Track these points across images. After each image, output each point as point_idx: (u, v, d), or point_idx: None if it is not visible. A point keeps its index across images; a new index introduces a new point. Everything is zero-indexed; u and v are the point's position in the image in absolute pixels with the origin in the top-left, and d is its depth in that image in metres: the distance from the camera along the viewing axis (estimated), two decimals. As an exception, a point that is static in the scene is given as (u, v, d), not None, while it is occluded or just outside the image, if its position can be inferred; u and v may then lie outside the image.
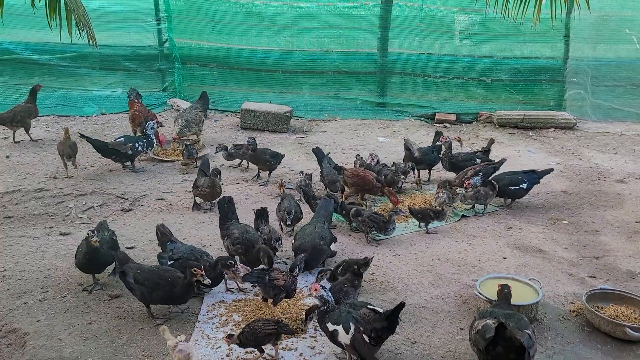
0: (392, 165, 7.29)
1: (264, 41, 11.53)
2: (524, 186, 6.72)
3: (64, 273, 5.06)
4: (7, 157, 8.13)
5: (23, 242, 5.65)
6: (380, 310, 3.83)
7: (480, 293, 4.51)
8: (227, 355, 3.98)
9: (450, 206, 6.51)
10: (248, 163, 8.01)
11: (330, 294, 4.02)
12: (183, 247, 4.89)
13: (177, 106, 10.64)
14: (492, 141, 7.96)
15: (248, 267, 4.86)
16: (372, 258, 4.90)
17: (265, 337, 3.87)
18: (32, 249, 5.49)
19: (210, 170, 6.69)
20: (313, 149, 7.56)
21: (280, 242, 5.22)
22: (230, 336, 3.93)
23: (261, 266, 4.75)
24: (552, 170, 7.12)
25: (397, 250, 5.71)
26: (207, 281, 4.31)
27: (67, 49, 10.91)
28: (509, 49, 11.36)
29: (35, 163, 7.92)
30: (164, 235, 4.98)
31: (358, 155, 7.67)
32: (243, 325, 4.30)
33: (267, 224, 5.42)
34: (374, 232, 5.83)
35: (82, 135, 7.56)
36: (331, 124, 10.55)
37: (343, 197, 6.71)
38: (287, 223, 5.85)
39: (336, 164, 7.14)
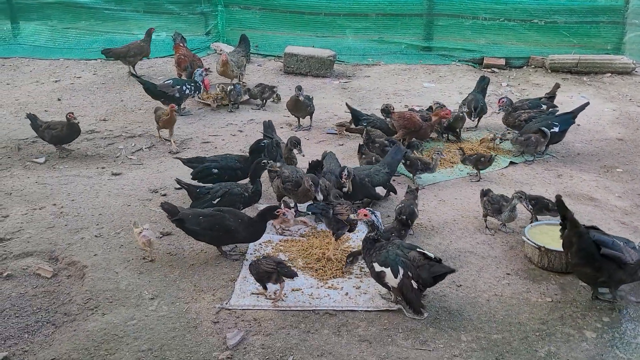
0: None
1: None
2: (556, 129, 6.44)
3: (117, 211, 5.25)
4: (59, 99, 8.35)
5: (78, 181, 5.86)
6: (431, 254, 3.82)
7: (528, 239, 4.45)
8: (275, 293, 4.09)
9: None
10: (264, 101, 8.19)
11: (380, 220, 4.02)
12: (215, 186, 5.01)
13: (221, 50, 10.59)
14: (557, 86, 7.63)
15: (293, 212, 4.90)
16: (416, 188, 4.92)
17: (264, 273, 3.93)
18: (86, 188, 5.70)
19: (288, 139, 5.92)
20: (346, 103, 7.32)
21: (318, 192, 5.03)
22: None
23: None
24: (587, 104, 6.82)
25: (442, 195, 5.65)
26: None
27: (112, -8, 10.96)
28: (565, -12, 10.71)
29: (86, 106, 8.11)
30: (189, 186, 5.03)
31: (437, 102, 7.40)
32: (290, 264, 4.41)
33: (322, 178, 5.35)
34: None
35: (133, 75, 7.65)
36: (375, 69, 10.32)
37: None
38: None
39: (385, 105, 6.99)
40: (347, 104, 7.00)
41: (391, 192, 5.56)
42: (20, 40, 11.20)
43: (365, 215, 3.98)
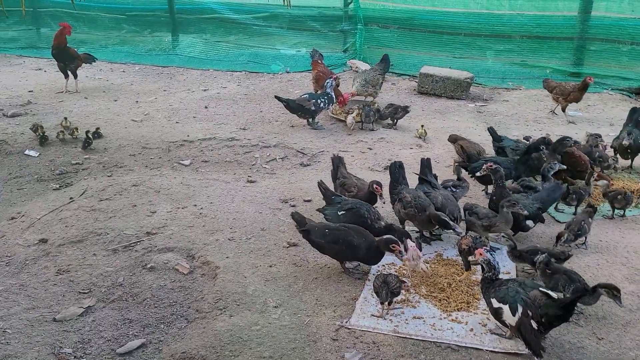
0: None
1: (450, 2, 11.06)
2: None
3: (250, 217, 5.50)
4: (206, 107, 9.03)
5: (216, 185, 6.25)
6: (554, 295, 3.54)
7: (689, 297, 3.91)
8: (398, 316, 4.01)
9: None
10: (395, 122, 8.13)
11: (497, 261, 3.84)
12: (350, 200, 5.05)
13: (356, 67, 10.78)
14: None
15: (420, 253, 4.53)
16: (570, 254, 4.50)
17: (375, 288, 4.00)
18: (223, 192, 6.05)
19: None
20: (488, 128, 6.96)
21: (457, 220, 4.91)
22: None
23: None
24: None
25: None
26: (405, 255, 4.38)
27: (262, 9, 11.72)
28: None
29: (228, 114, 8.67)
30: (327, 190, 5.17)
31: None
32: (412, 291, 4.32)
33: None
34: None
35: (277, 97, 8.07)
36: (514, 94, 9.84)
37: None
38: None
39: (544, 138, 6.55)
40: (490, 128, 6.62)
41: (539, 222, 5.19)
42: (178, 51, 12.36)
43: (481, 254, 3.85)
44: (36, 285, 4.44)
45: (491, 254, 3.85)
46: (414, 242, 4.53)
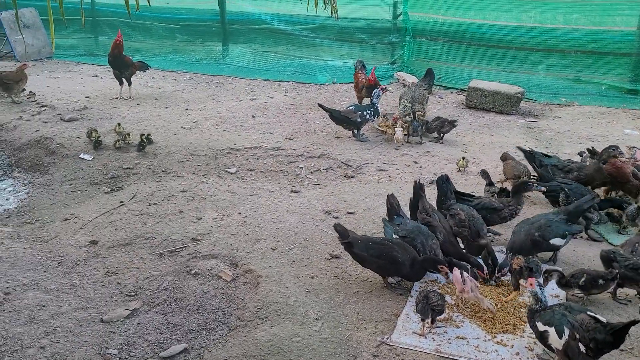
0: None
1: (502, 16, 10.86)
2: None
3: (293, 227, 5.51)
4: (253, 116, 9.16)
5: (261, 194, 6.31)
6: (602, 319, 3.41)
7: None
8: (441, 335, 3.93)
9: None
10: (442, 135, 8.05)
11: (545, 295, 3.72)
12: (410, 224, 4.83)
13: (403, 80, 10.72)
14: None
15: (477, 283, 4.33)
16: (618, 274, 4.30)
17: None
18: (267, 201, 6.10)
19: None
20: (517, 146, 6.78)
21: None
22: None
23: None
24: None
25: None
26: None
27: (310, 21, 11.81)
28: None
29: (275, 124, 8.77)
30: (392, 207, 4.98)
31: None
32: (455, 309, 4.23)
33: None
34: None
35: (320, 105, 8.12)
36: (567, 110, 9.56)
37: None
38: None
39: (590, 148, 6.35)
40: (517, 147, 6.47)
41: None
42: (228, 60, 12.63)
43: (532, 284, 3.77)
44: (85, 286, 4.59)
45: (540, 288, 3.76)
46: (467, 271, 4.35)
